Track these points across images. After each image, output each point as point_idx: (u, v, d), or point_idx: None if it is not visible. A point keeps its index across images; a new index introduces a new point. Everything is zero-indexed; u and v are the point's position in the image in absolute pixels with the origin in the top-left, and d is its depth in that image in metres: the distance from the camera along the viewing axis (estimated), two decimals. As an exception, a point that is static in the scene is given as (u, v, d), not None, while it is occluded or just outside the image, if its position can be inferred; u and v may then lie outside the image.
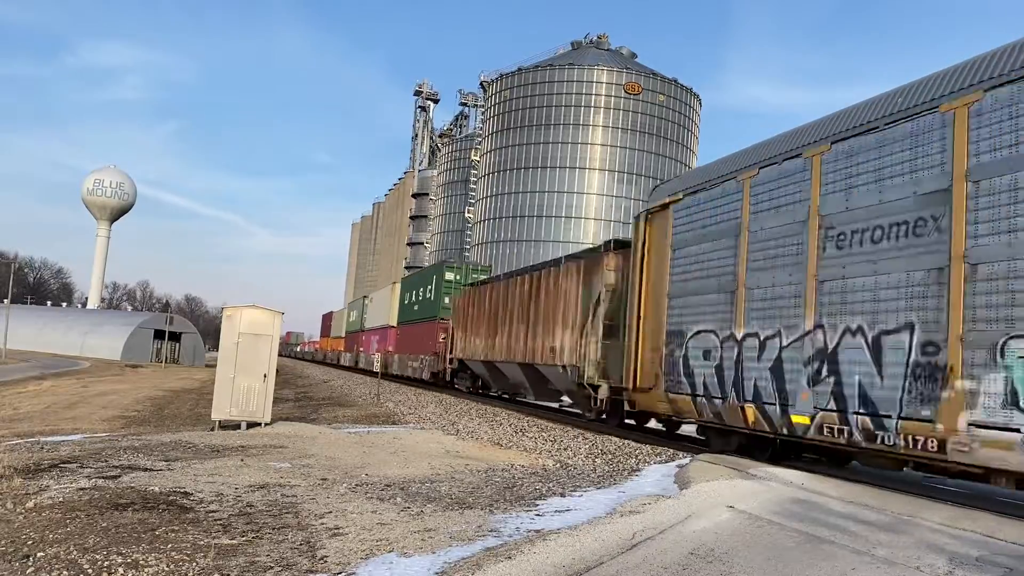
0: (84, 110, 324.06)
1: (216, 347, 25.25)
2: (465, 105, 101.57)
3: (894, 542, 6.35)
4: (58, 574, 5.28)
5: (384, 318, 43.26)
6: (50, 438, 13.88)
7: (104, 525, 6.59)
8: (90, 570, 5.35)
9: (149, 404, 26.07)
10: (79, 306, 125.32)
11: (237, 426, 15.28)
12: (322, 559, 5.81)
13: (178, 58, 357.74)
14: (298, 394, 31.51)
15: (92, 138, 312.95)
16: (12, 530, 6.41)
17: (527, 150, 69.94)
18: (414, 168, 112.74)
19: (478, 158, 76.67)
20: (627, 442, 14.30)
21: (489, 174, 73.63)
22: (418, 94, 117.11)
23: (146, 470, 9.55)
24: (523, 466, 11.46)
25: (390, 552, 5.98)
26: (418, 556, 5.86)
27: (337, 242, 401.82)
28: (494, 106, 74.82)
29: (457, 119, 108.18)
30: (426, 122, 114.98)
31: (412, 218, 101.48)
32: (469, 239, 76.78)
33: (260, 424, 15.36)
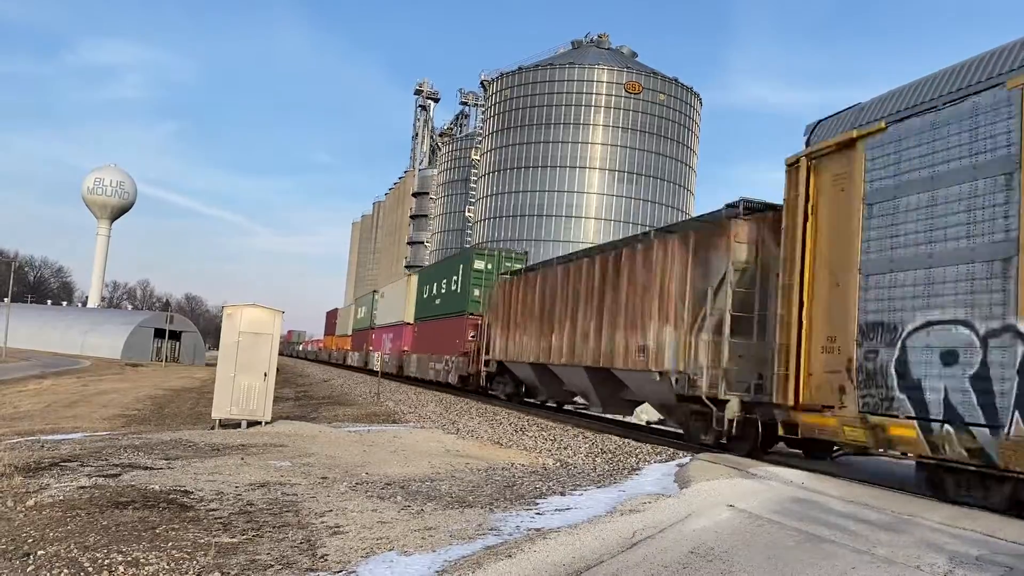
0: (85, 109, 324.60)
1: (216, 346, 25.25)
2: (465, 104, 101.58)
3: (894, 541, 6.36)
4: (58, 572, 5.28)
5: (398, 314, 39.75)
6: (50, 437, 13.88)
7: (104, 523, 6.60)
8: (90, 568, 5.35)
9: (149, 403, 26.07)
10: (79, 305, 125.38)
11: (237, 425, 15.29)
12: (322, 557, 5.81)
13: (179, 57, 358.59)
14: (298, 393, 31.54)
15: (93, 137, 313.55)
16: (12, 528, 6.42)
17: (527, 149, 69.94)
18: (414, 167, 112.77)
19: (478, 157, 76.67)
20: (627, 441, 14.33)
21: (489, 173, 73.64)
22: (418, 93, 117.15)
23: (146, 469, 9.55)
24: (523, 465, 11.46)
25: (390, 550, 5.99)
26: (418, 554, 5.87)
27: (337, 241, 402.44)
28: (494, 105, 74.84)
29: (457, 118, 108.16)
30: (426, 121, 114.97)
31: (412, 217, 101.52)
32: (469, 238, 76.77)
33: (260, 423, 15.38)
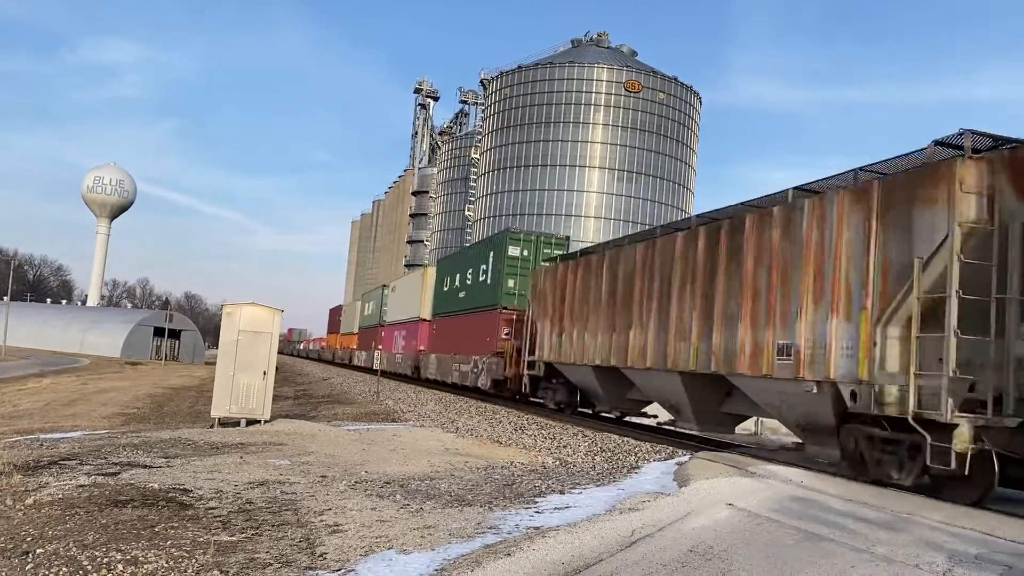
0: (84, 107, 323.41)
1: (216, 344, 25.20)
2: (465, 103, 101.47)
3: (893, 540, 6.36)
4: (57, 570, 5.28)
5: (412, 310, 35.83)
6: (50, 435, 13.88)
7: (103, 522, 6.60)
8: (89, 567, 5.35)
9: (149, 401, 26.08)
10: (79, 303, 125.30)
11: (237, 423, 15.29)
12: (321, 556, 5.81)
13: (179, 56, 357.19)
14: (298, 391, 31.55)
15: (92, 135, 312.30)
16: (11, 527, 6.42)
17: (527, 148, 69.89)
18: (414, 166, 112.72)
19: (478, 156, 76.61)
20: (626, 440, 14.32)
21: (489, 172, 73.60)
22: (418, 92, 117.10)
23: (146, 467, 9.55)
24: (522, 463, 11.46)
25: (390, 549, 5.99)
26: (418, 553, 5.87)
27: (337, 240, 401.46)
28: (494, 104, 74.78)
29: (457, 117, 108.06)
30: (426, 120, 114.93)
31: (412, 216, 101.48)
32: (469, 237, 76.76)
33: (260, 421, 15.37)
